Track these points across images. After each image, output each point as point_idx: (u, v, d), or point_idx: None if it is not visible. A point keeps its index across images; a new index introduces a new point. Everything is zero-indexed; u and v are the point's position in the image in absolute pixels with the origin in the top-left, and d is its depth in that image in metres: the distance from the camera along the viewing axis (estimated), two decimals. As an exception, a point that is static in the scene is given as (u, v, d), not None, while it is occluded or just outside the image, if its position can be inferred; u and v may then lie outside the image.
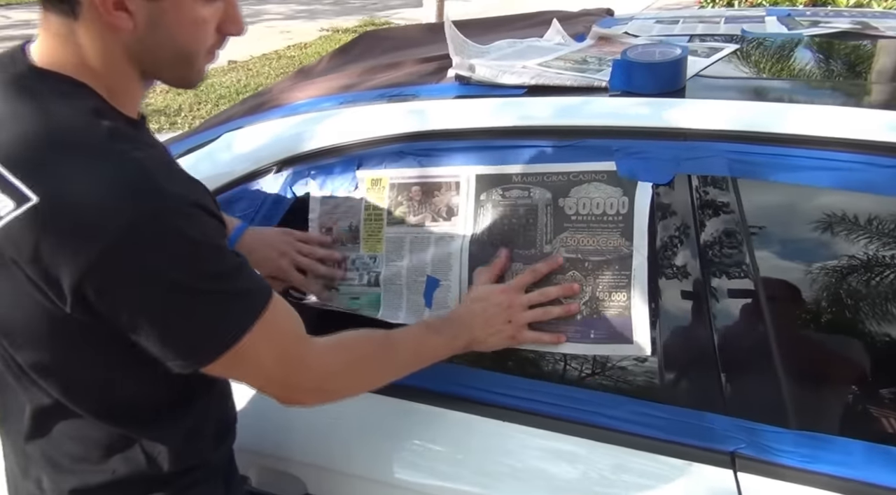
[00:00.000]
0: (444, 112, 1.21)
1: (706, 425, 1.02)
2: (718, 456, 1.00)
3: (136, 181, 0.77)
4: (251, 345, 0.84)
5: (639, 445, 1.04)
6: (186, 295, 0.80)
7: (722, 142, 1.04)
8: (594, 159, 1.11)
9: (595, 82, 1.19)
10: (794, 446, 0.97)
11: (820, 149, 1.00)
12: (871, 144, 0.99)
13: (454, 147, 1.18)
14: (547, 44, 1.47)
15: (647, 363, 1.08)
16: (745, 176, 1.03)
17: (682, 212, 1.07)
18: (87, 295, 0.77)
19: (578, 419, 1.07)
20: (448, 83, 1.30)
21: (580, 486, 1.06)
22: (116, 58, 0.83)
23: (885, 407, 1.03)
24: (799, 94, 1.18)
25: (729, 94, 1.14)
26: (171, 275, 0.78)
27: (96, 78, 0.84)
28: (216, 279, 0.82)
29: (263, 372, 0.90)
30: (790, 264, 1.06)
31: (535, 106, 1.17)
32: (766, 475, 0.98)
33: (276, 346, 0.89)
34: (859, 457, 0.95)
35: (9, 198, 0.76)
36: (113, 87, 0.85)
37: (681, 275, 1.08)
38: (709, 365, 1.04)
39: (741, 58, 1.34)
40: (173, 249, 0.78)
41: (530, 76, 1.23)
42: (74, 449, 0.90)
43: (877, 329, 1.03)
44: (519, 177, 1.14)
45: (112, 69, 0.84)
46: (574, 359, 1.12)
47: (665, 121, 1.09)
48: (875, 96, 1.18)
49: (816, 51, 1.36)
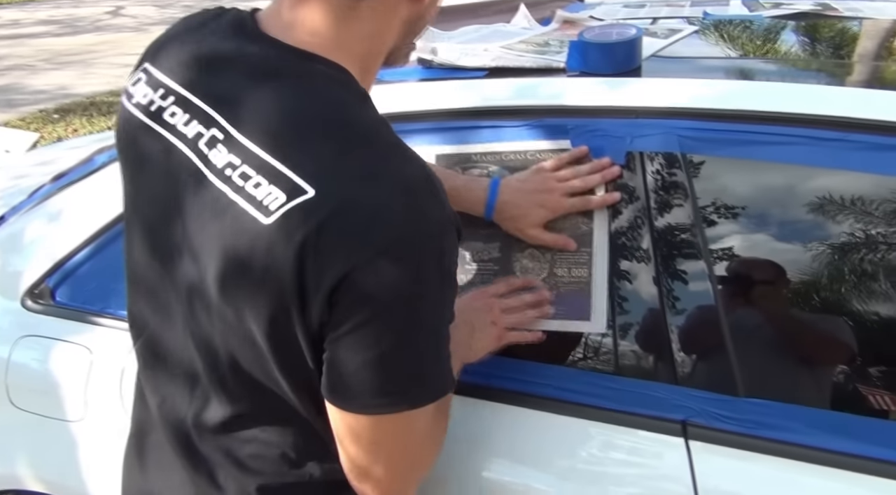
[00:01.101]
0: (406, 94, 1.23)
1: (658, 395, 1.04)
2: (670, 424, 1.03)
3: (424, 187, 0.71)
4: (419, 420, 0.75)
5: (593, 416, 1.06)
6: (424, 327, 0.72)
7: (673, 120, 1.07)
8: (552, 138, 1.13)
9: (553, 63, 1.21)
10: (742, 413, 1.00)
11: (767, 125, 1.03)
12: (819, 119, 1.01)
13: (416, 129, 1.20)
14: (512, 28, 1.49)
15: (604, 337, 1.11)
16: (694, 152, 1.06)
17: (636, 191, 1.09)
18: (340, 299, 0.68)
19: (534, 392, 1.10)
20: (411, 66, 1.32)
21: (536, 456, 1.09)
22: (389, 37, 0.77)
23: (829, 374, 1.06)
24: (751, 72, 1.20)
25: (682, 73, 1.17)
26: (424, 298, 0.70)
27: (353, 61, 0.76)
28: (444, 320, 0.74)
29: (393, 453, 0.78)
30: (741, 242, 1.09)
31: (494, 87, 1.20)
32: (715, 442, 1.01)
33: (418, 440, 0.80)
34: (803, 423, 0.97)
35: (279, 189, 0.68)
36: (365, 71, 0.78)
37: (635, 252, 1.10)
38: (661, 338, 1.07)
39: (700, 39, 1.36)
40: (436, 271, 0.70)
41: (491, 58, 1.25)
42: (266, 451, 0.83)
43: (821, 301, 1.06)
44: (478, 156, 1.16)
45: (375, 51, 0.78)
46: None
47: (619, 100, 1.11)
48: (825, 73, 1.20)
49: (773, 32, 1.38)
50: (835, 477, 0.95)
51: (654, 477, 1.04)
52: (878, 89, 1.08)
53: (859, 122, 0.98)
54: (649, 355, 1.10)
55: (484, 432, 1.11)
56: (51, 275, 1.43)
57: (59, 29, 9.40)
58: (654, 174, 1.09)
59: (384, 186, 0.68)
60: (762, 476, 0.98)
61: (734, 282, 1.07)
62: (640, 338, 1.10)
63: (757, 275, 1.07)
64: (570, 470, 1.07)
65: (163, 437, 0.88)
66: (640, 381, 1.06)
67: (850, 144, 0.98)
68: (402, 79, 1.28)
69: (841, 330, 1.05)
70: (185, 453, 0.86)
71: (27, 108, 5.99)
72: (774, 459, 0.97)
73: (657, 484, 1.03)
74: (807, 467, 0.96)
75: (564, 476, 1.06)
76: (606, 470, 1.06)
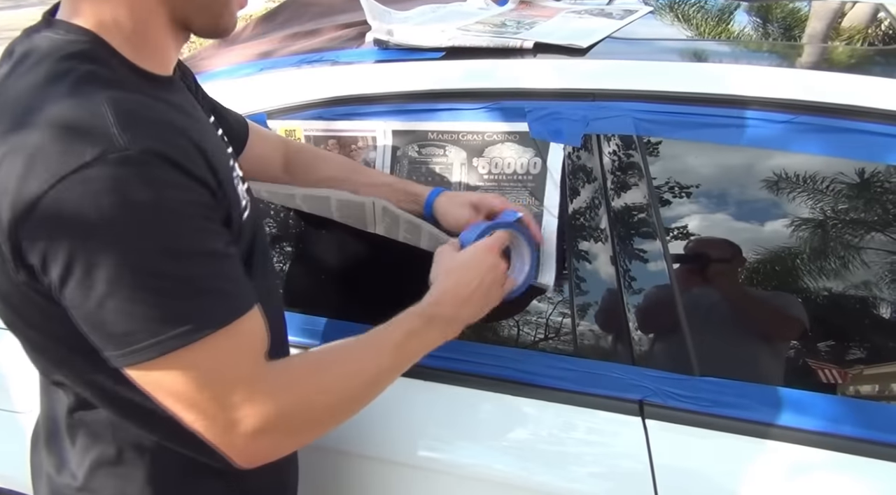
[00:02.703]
0: (362, 76, 1.22)
1: (616, 375, 1.06)
2: (627, 404, 1.04)
3: (87, 124, 0.67)
4: (198, 359, 0.70)
5: (552, 397, 1.08)
6: (132, 267, 0.67)
7: (628, 102, 1.07)
8: (508, 120, 1.13)
9: (510, 44, 1.21)
10: (697, 391, 1.02)
11: (720, 107, 1.04)
12: (769, 102, 1.03)
13: (371, 111, 1.19)
14: (469, 9, 1.48)
15: (562, 320, 1.12)
16: (649, 134, 1.06)
17: (592, 173, 1.10)
18: (21, 245, 0.68)
19: (495, 374, 1.10)
20: (367, 48, 1.30)
21: (496, 437, 1.10)
22: (147, 5, 0.76)
23: (782, 350, 1.09)
24: (705, 54, 1.21)
25: (638, 55, 1.17)
26: (108, 238, 0.66)
27: (118, 27, 0.75)
28: (178, 257, 0.69)
29: (208, 400, 0.72)
30: (696, 222, 1.10)
31: (452, 69, 1.19)
32: (671, 421, 1.03)
33: (239, 368, 0.73)
34: (756, 400, 1.00)
35: None
36: (139, 41, 0.77)
37: (592, 233, 1.11)
38: (619, 318, 1.08)
39: (655, 19, 1.36)
40: (117, 205, 0.66)
41: (447, 38, 1.24)
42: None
43: (773, 278, 1.08)
44: (435, 134, 1.15)
45: (137, 14, 0.76)
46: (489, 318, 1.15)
47: (575, 82, 1.11)
48: (776, 55, 1.22)
49: (727, 13, 1.39)
50: (788, 452, 0.97)
51: (612, 456, 1.06)
52: (826, 72, 1.10)
53: (808, 104, 1.00)
54: (607, 335, 1.11)
55: (443, 414, 1.12)
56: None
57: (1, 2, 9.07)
58: (610, 155, 1.09)
59: (51, 131, 0.67)
60: (717, 453, 1.00)
61: (691, 261, 1.08)
62: (597, 319, 1.11)
63: (713, 253, 1.09)
64: (530, 451, 1.08)
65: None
66: (598, 362, 1.08)
67: (799, 126, 1.00)
68: (359, 60, 1.26)
69: (792, 305, 1.07)
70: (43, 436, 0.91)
71: None
72: (729, 436, 1.00)
73: (615, 462, 1.05)
74: (761, 443, 0.98)
75: (524, 456, 1.07)
76: (566, 450, 1.07)
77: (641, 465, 1.02)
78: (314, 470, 1.10)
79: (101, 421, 0.84)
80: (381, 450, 1.13)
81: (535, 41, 1.18)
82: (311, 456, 1.03)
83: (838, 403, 0.99)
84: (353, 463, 1.16)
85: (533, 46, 1.18)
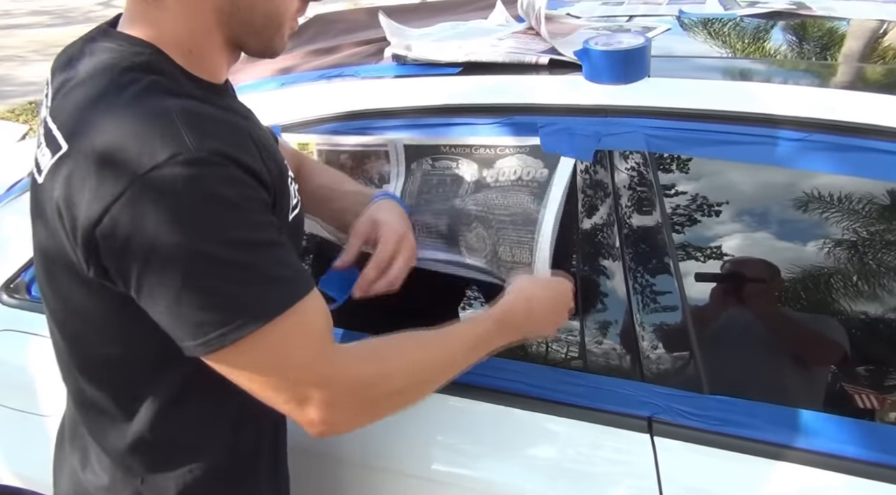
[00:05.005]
0: (379, 91, 1.24)
1: (625, 392, 1.05)
2: (636, 421, 1.04)
3: (159, 130, 0.71)
4: (268, 341, 0.74)
5: (561, 412, 1.08)
6: (201, 259, 0.71)
7: (640, 118, 1.07)
8: (520, 134, 1.13)
9: (526, 59, 1.22)
10: (706, 410, 1.01)
11: (735, 125, 1.03)
12: (784, 120, 1.02)
13: (388, 125, 1.21)
14: (489, 25, 1.49)
15: (571, 335, 1.12)
16: (662, 151, 1.06)
17: (604, 190, 1.10)
18: (98, 248, 0.72)
19: (502, 388, 1.11)
20: (386, 64, 1.32)
21: (504, 451, 1.10)
22: (204, 24, 0.80)
23: (791, 372, 1.07)
24: (721, 71, 1.20)
25: (653, 72, 1.17)
26: (182, 234, 0.70)
27: (177, 44, 0.80)
28: (242, 249, 0.73)
29: (281, 379, 0.77)
30: (708, 240, 1.09)
31: (467, 84, 1.20)
32: (680, 438, 1.02)
33: (305, 349, 0.77)
34: (766, 420, 0.98)
35: (50, 149, 0.77)
36: (196, 57, 0.82)
37: (603, 249, 1.11)
38: (629, 335, 1.07)
39: (674, 37, 1.36)
40: (190, 203, 0.70)
41: (464, 54, 1.25)
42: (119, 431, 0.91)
43: (788, 299, 1.07)
44: (447, 148, 1.17)
45: (196, 35, 0.81)
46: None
47: (588, 98, 1.11)
48: (793, 74, 1.21)
49: (747, 31, 1.38)
50: (797, 474, 0.96)
51: (620, 473, 1.05)
52: (842, 90, 1.09)
53: (822, 122, 0.99)
54: (617, 352, 1.11)
55: (453, 427, 1.12)
56: (26, 270, 1.43)
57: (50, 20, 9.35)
58: (622, 172, 1.09)
59: (122, 135, 0.72)
60: (726, 472, 0.99)
61: (727, 281, 1.08)
62: (608, 335, 1.11)
63: (750, 273, 1.08)
64: (537, 466, 1.08)
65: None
66: (608, 378, 1.07)
67: (812, 144, 0.99)
68: (377, 75, 1.29)
69: (832, 329, 1.06)
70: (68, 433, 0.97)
71: (16, 100, 5.93)
72: (738, 455, 0.99)
73: (623, 480, 1.04)
74: (770, 463, 0.97)
75: (527, 470, 1.07)
76: (575, 467, 1.07)
77: (650, 483, 1.01)
78: (328, 480, 1.11)
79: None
80: (384, 460, 1.14)
81: (549, 58, 1.19)
82: (322, 465, 1.04)
83: (850, 425, 0.97)
84: (353, 470, 1.17)
85: (548, 62, 1.19)
